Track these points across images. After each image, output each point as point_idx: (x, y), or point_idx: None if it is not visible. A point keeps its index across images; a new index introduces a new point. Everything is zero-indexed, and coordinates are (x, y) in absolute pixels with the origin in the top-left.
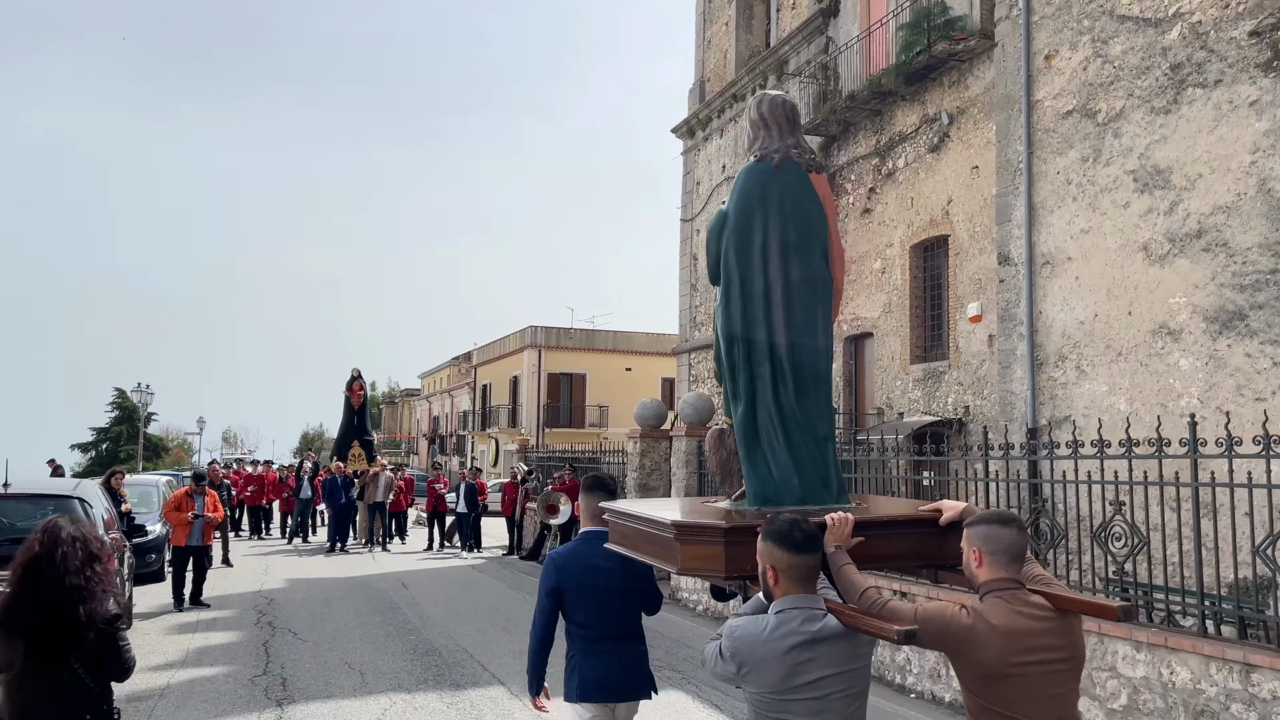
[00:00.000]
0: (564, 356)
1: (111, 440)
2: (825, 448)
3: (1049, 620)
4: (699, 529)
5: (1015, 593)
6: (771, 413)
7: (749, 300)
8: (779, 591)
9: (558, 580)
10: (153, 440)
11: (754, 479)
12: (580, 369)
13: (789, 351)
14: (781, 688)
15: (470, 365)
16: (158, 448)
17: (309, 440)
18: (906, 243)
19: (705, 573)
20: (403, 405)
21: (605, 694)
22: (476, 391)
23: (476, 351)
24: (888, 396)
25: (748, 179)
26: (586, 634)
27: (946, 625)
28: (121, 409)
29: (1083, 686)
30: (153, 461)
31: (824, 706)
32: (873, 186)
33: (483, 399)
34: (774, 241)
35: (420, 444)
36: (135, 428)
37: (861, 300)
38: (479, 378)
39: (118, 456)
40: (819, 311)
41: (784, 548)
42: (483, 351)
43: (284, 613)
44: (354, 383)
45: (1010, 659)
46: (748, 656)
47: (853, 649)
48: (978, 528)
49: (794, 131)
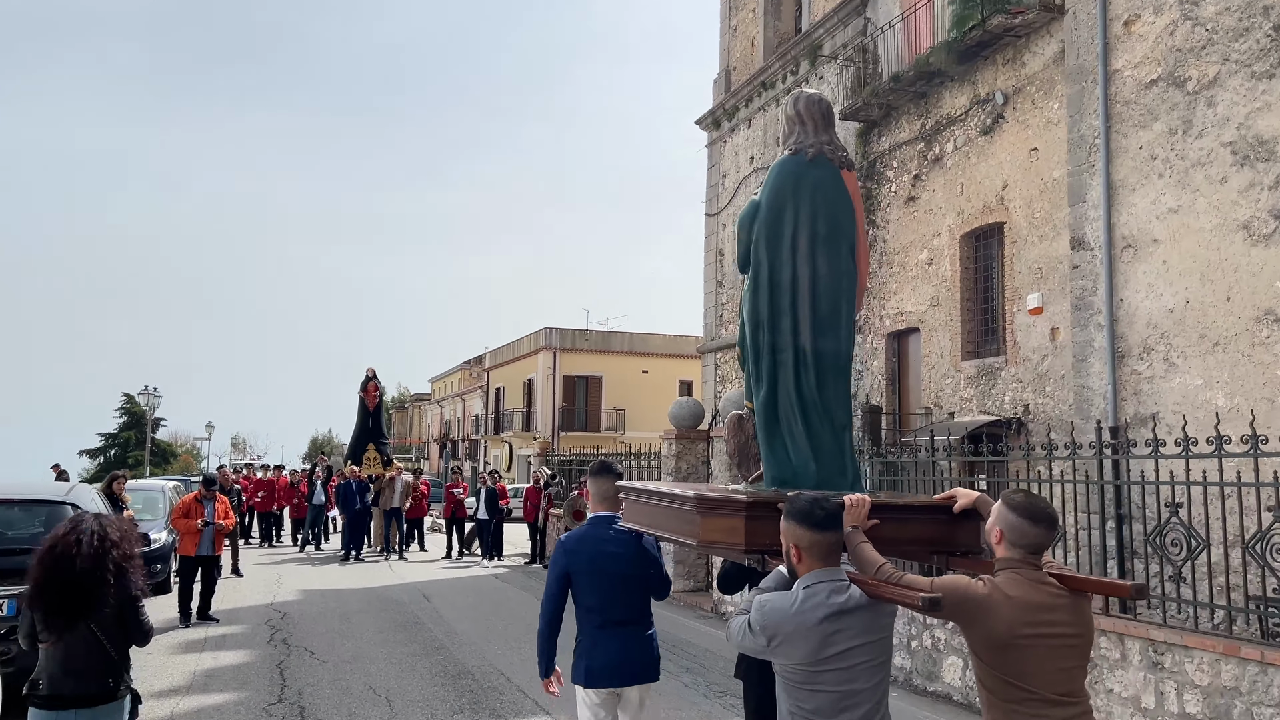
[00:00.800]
0: (579, 359)
1: (120, 446)
2: (843, 436)
3: (1061, 597)
4: (721, 502)
5: (1030, 570)
6: (792, 399)
7: (776, 289)
8: (803, 568)
9: (567, 564)
10: (161, 445)
11: (772, 463)
12: (596, 371)
13: (812, 341)
14: (814, 659)
15: (482, 369)
16: (166, 453)
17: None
18: (956, 231)
19: (725, 545)
20: (412, 410)
21: (613, 679)
22: (489, 395)
23: (489, 354)
24: (936, 395)
25: (781, 171)
26: (596, 618)
27: (965, 594)
28: (130, 414)
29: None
30: (161, 467)
31: (852, 676)
32: (917, 173)
33: (496, 403)
34: (804, 233)
35: (431, 449)
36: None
37: (906, 294)
38: (491, 381)
39: (126, 462)
40: (843, 304)
41: (806, 526)
42: (496, 354)
43: (299, 629)
44: (369, 383)
45: (1021, 629)
46: (778, 629)
47: (876, 620)
48: (1011, 516)
49: (828, 129)
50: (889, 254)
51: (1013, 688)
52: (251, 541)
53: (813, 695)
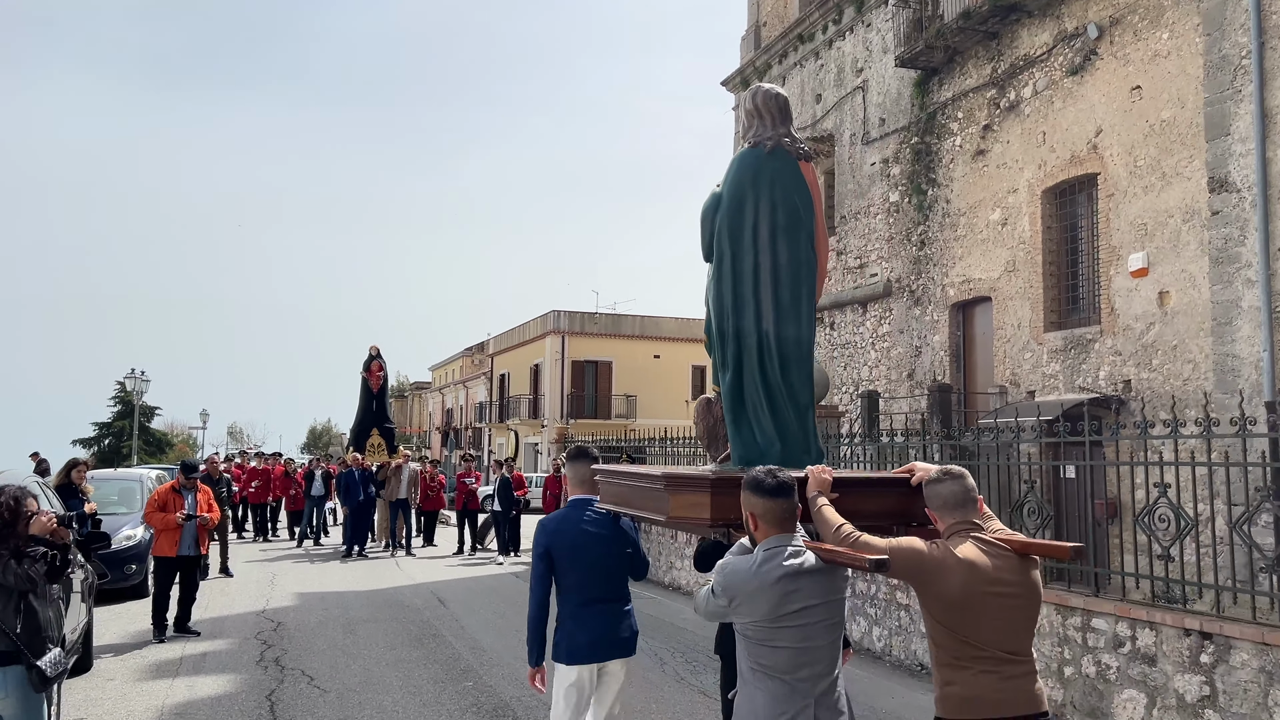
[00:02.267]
0: (589, 343)
1: (114, 435)
2: (806, 416)
3: (1008, 559)
4: (687, 480)
5: (975, 533)
6: (757, 383)
7: (739, 277)
8: (760, 534)
9: (549, 544)
10: (156, 435)
11: (739, 443)
12: (606, 356)
13: (775, 327)
14: (771, 616)
15: (484, 355)
16: (161, 443)
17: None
18: (1037, 187)
19: (692, 520)
20: (413, 399)
21: (595, 654)
22: (494, 382)
23: (493, 340)
24: (1013, 372)
25: (741, 163)
26: (576, 596)
27: (919, 556)
28: (124, 402)
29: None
30: (156, 457)
31: (808, 634)
32: (987, 124)
33: (500, 389)
34: (764, 223)
35: (433, 437)
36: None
37: (974, 259)
38: (496, 367)
39: (120, 451)
40: (804, 291)
41: (760, 494)
42: (500, 340)
43: (295, 644)
44: (372, 363)
45: (973, 589)
46: (739, 590)
47: (831, 583)
48: (926, 491)
49: (785, 121)
50: (952, 215)
51: (964, 645)
52: (245, 536)
53: (772, 651)
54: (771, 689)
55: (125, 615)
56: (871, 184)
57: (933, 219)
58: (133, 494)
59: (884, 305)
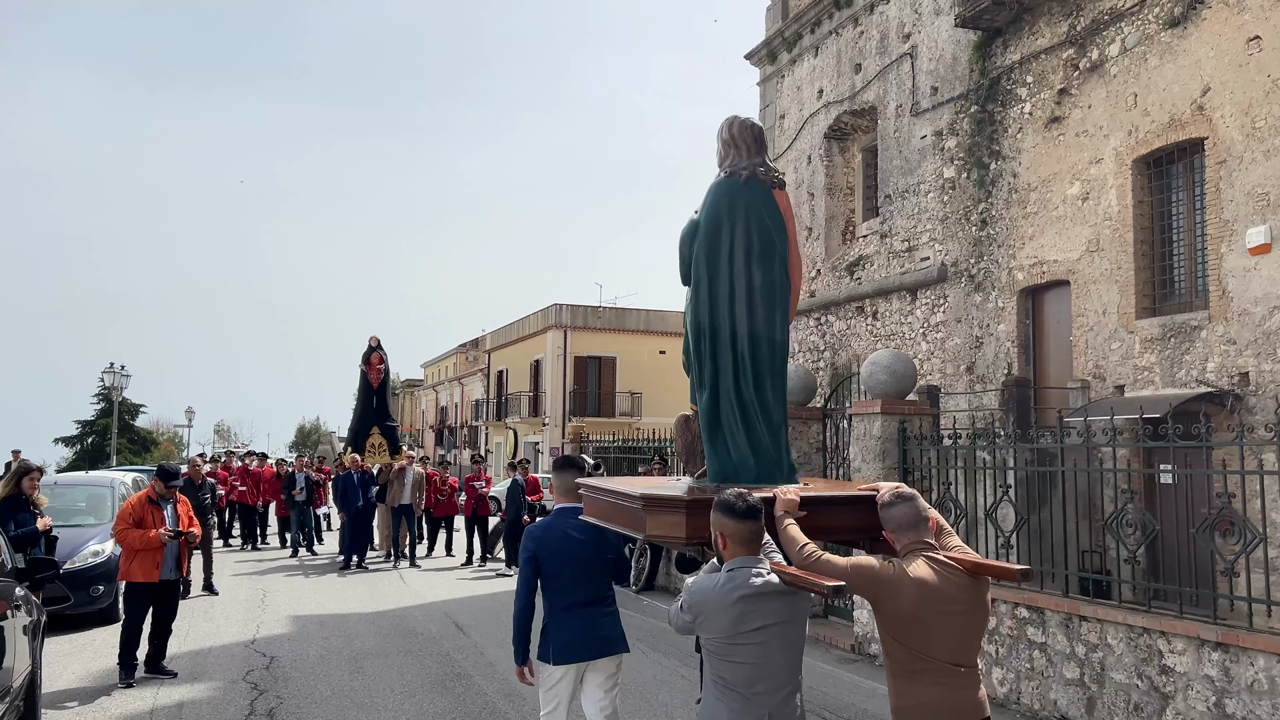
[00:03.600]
0: (592, 338)
1: (98, 433)
2: (779, 433)
3: (960, 577)
4: (664, 500)
5: (929, 553)
6: (732, 401)
7: (715, 300)
8: (728, 554)
9: (535, 549)
10: (141, 434)
11: (714, 460)
12: (610, 352)
13: (750, 347)
14: (730, 633)
15: (479, 351)
16: (146, 441)
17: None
18: (1126, 156)
19: (668, 539)
20: (405, 396)
21: (578, 654)
22: (491, 378)
23: (490, 335)
24: (1097, 364)
25: (718, 192)
26: (561, 600)
27: (875, 575)
28: (107, 400)
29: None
30: (141, 456)
31: (765, 652)
32: (1064, 87)
33: (498, 386)
34: (739, 249)
35: (426, 436)
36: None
37: (1047, 239)
38: (493, 363)
39: (104, 451)
40: (778, 313)
41: (730, 516)
42: (497, 335)
43: (292, 690)
44: (372, 354)
45: (924, 606)
46: (702, 607)
47: (792, 605)
48: (881, 514)
49: (760, 151)
50: (1020, 191)
51: (916, 658)
52: (231, 543)
53: (731, 666)
54: (730, 702)
55: (89, 648)
56: (922, 159)
57: (997, 195)
58: (102, 501)
59: (938, 292)
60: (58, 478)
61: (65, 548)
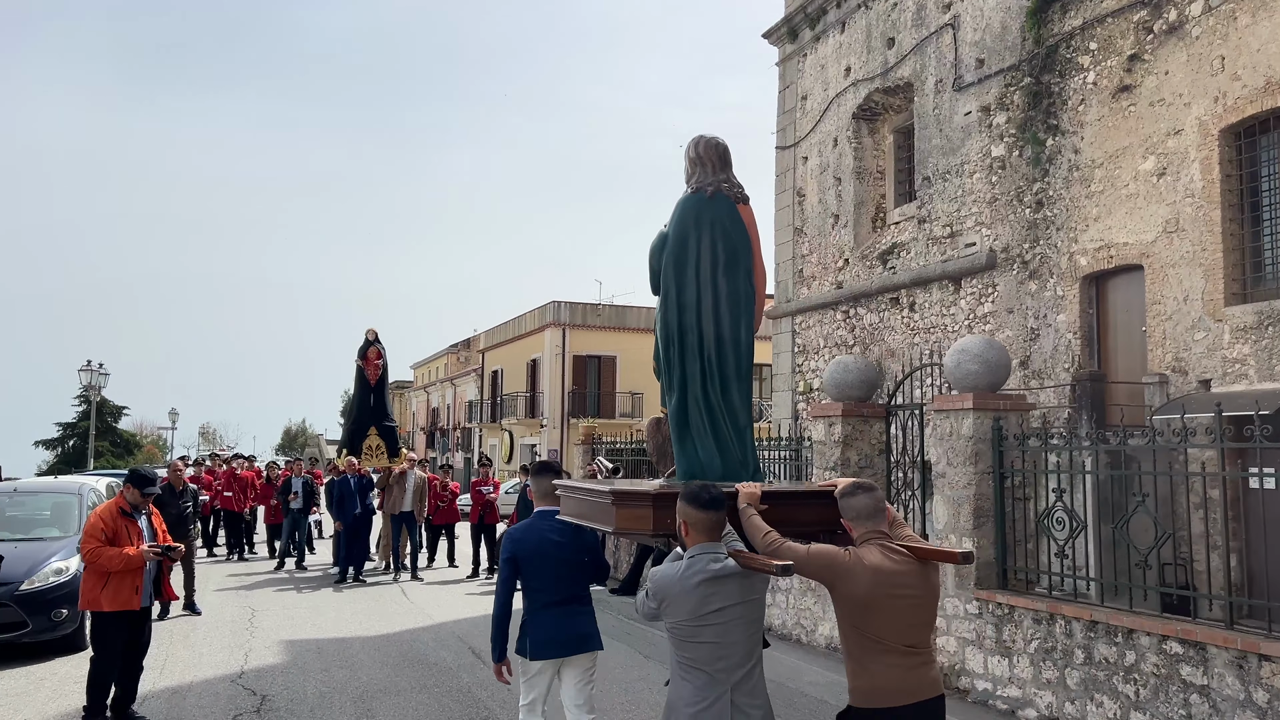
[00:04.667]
0: (591, 336)
1: (79, 436)
2: (744, 435)
3: (910, 564)
4: (632, 495)
5: (883, 542)
6: (700, 404)
7: (684, 309)
8: (690, 541)
9: (514, 551)
10: (124, 436)
11: (683, 460)
12: (610, 351)
13: (717, 353)
14: (693, 616)
15: (470, 352)
16: (129, 444)
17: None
18: (1212, 125)
19: (636, 531)
20: (394, 398)
21: (554, 650)
22: (485, 379)
23: (484, 334)
24: (1177, 356)
25: (685, 206)
26: (539, 598)
27: (831, 561)
28: (89, 401)
29: None
30: (124, 460)
31: (727, 630)
32: (1134, 53)
33: (493, 387)
34: (706, 260)
35: (417, 438)
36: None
37: (1116, 219)
38: (488, 363)
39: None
40: (743, 322)
41: (693, 506)
42: (492, 334)
43: None
44: (369, 349)
45: (877, 591)
46: (666, 593)
47: (749, 585)
48: (840, 503)
49: (725, 168)
50: (1083, 168)
51: (870, 641)
52: (216, 553)
53: (695, 647)
54: (694, 680)
55: (48, 683)
56: (966, 137)
57: (1055, 174)
58: (69, 511)
59: (985, 280)
60: (16, 484)
61: (22, 565)
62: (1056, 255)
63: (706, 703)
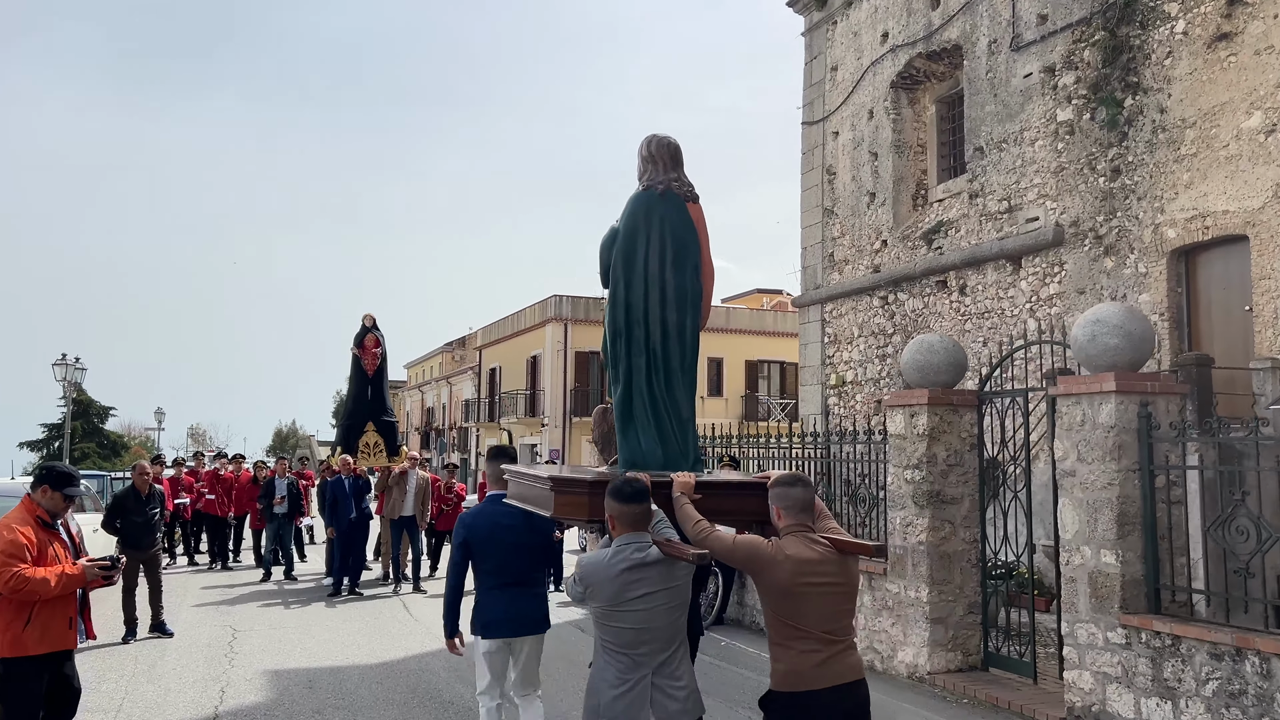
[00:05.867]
0: (594, 332)
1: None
2: (686, 427)
3: (831, 555)
4: (570, 482)
5: (806, 534)
6: (644, 396)
7: (632, 304)
8: (616, 533)
9: (467, 534)
10: (111, 437)
11: (625, 449)
12: None
13: (662, 347)
14: (615, 601)
15: (466, 350)
16: (116, 445)
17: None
18: None
19: (574, 517)
20: None
21: (505, 630)
22: (482, 377)
23: (481, 331)
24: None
25: (635, 203)
26: (491, 580)
27: (755, 551)
28: (76, 403)
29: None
30: (111, 461)
31: (649, 616)
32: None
33: (490, 385)
34: (654, 257)
35: (412, 439)
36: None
37: (1213, 185)
38: (485, 361)
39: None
40: (689, 316)
41: (617, 500)
42: (489, 330)
43: None
44: (366, 335)
45: (798, 580)
46: (591, 579)
47: (671, 572)
48: (775, 489)
49: (675, 167)
50: (1170, 129)
51: (791, 627)
52: (199, 561)
53: (617, 631)
54: (617, 662)
55: None
56: (1026, 101)
57: (1135, 137)
58: None
59: (1050, 258)
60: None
61: None
62: (1138, 228)
63: (628, 685)
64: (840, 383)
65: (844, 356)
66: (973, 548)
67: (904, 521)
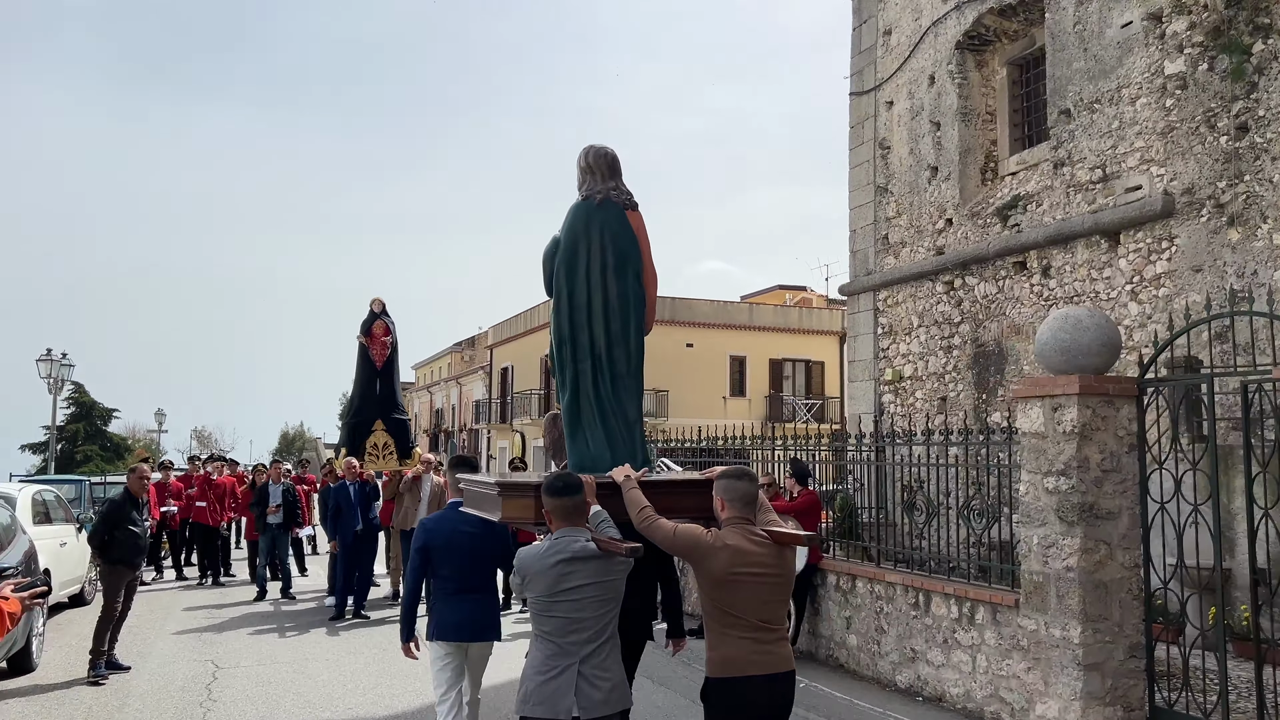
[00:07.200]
0: None
1: (68, 440)
2: (634, 429)
3: (767, 547)
4: (516, 486)
5: (746, 526)
6: (591, 401)
7: (575, 310)
8: (554, 527)
9: (426, 540)
10: (114, 439)
11: (574, 452)
12: None
13: (607, 352)
14: (549, 592)
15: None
16: (119, 448)
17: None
18: None
19: (520, 520)
20: None
21: (459, 634)
22: (494, 377)
23: (492, 330)
24: None
25: (575, 213)
26: (447, 585)
27: (695, 540)
28: (79, 404)
29: None
30: (114, 464)
31: (581, 607)
32: None
33: (502, 385)
34: (595, 264)
35: (420, 442)
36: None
37: None
38: (496, 360)
39: (74, 458)
40: (632, 321)
41: (550, 494)
42: (501, 328)
43: None
44: (374, 322)
45: (733, 569)
46: (527, 570)
47: (607, 567)
48: (720, 482)
49: (614, 176)
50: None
51: (726, 615)
52: (187, 576)
53: (549, 620)
54: (546, 650)
55: None
56: (1124, 55)
57: (1267, 88)
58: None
59: (1157, 231)
60: None
61: None
62: (1272, 192)
63: (555, 671)
64: (897, 378)
65: (901, 349)
66: (1134, 574)
67: (1044, 541)
